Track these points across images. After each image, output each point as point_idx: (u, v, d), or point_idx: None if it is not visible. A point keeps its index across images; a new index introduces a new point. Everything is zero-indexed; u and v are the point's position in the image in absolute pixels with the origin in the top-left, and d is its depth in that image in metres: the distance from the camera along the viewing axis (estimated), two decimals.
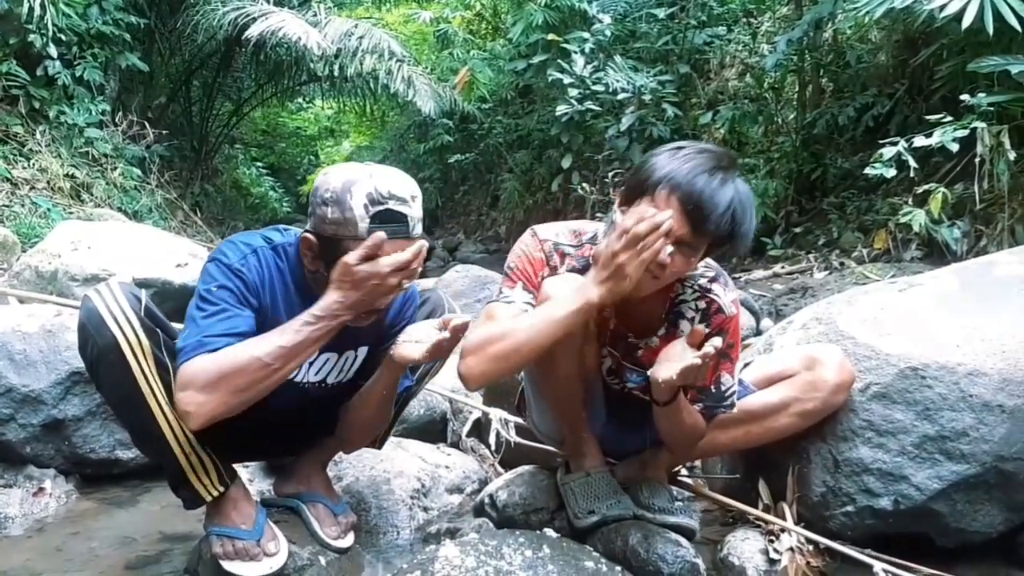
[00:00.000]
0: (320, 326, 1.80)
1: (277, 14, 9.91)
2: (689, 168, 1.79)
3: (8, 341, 2.73)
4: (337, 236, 1.81)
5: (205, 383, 1.73)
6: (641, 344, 2.08)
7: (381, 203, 1.79)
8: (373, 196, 1.78)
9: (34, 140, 7.96)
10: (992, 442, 2.02)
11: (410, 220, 1.83)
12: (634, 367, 2.11)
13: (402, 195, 1.81)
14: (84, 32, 8.52)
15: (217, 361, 1.75)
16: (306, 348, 1.82)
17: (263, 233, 1.99)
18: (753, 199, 1.80)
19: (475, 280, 5.16)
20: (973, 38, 4.84)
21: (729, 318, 2.03)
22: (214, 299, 1.83)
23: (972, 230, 5.03)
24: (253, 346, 1.78)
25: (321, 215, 1.82)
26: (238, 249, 1.90)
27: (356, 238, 1.78)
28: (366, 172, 1.82)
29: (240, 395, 1.77)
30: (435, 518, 2.52)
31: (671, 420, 2.00)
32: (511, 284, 2.03)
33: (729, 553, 2.14)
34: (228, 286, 1.84)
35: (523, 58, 11.00)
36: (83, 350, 1.88)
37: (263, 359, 1.76)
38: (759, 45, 8.80)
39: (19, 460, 2.70)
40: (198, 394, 1.74)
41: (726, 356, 2.04)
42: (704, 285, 2.04)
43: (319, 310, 1.81)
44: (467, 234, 16.05)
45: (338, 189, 1.80)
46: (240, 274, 1.86)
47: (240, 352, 1.76)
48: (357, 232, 1.78)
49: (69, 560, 2.24)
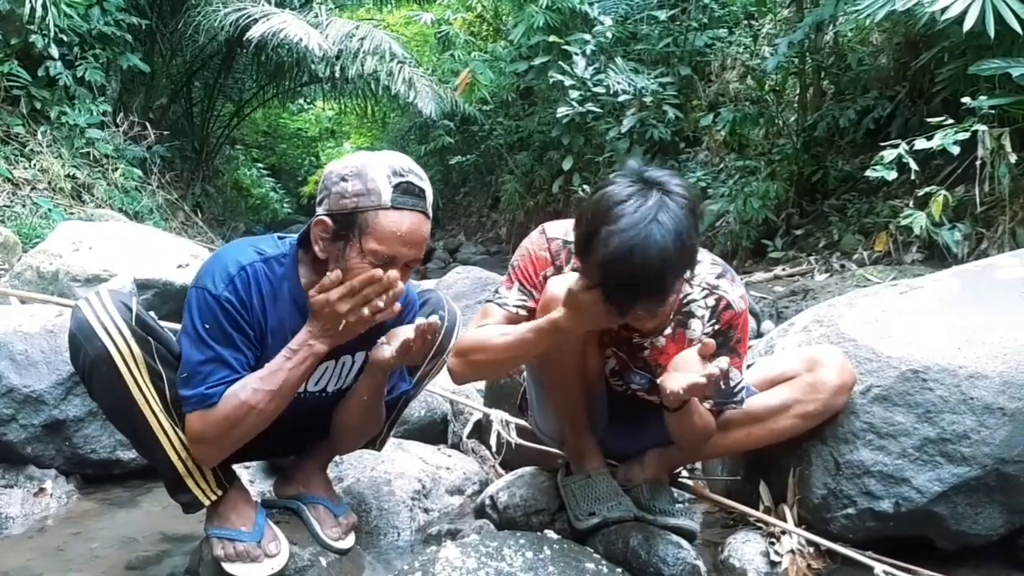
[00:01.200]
0: (296, 359, 1.87)
1: (278, 15, 9.91)
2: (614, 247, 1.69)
3: (10, 341, 2.73)
4: (359, 208, 1.81)
5: (213, 439, 1.87)
6: (647, 344, 2.08)
7: (403, 175, 1.83)
8: (395, 168, 1.83)
9: (35, 141, 7.96)
10: (993, 445, 2.02)
11: (427, 197, 1.87)
12: (639, 369, 2.11)
13: (420, 172, 1.87)
14: (85, 33, 8.52)
15: (219, 417, 1.84)
16: (292, 383, 1.89)
17: (255, 245, 1.97)
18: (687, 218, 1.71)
19: (476, 281, 5.15)
20: (974, 41, 4.83)
21: (738, 314, 2.03)
22: (208, 340, 1.85)
23: (973, 233, 5.03)
24: (246, 394, 1.84)
25: (340, 191, 1.82)
26: (224, 272, 1.87)
27: (379, 207, 1.80)
28: (382, 153, 1.89)
29: (246, 437, 1.91)
30: (436, 519, 2.51)
31: (682, 424, 2.01)
32: (509, 284, 2.07)
33: (730, 555, 2.14)
34: (218, 321, 1.85)
35: (524, 60, 11.01)
36: (75, 360, 1.90)
37: (256, 406, 1.85)
38: (760, 47, 8.80)
39: (20, 460, 2.70)
40: (210, 448, 1.89)
41: (735, 351, 2.05)
42: (712, 282, 2.04)
43: (295, 343, 1.87)
44: (468, 235, 16.05)
45: (358, 165, 1.83)
46: (228, 303, 1.85)
47: (237, 404, 1.84)
48: (381, 200, 1.80)
49: (70, 561, 2.24)
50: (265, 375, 1.86)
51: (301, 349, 1.86)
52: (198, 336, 1.84)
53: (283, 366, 1.86)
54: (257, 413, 1.85)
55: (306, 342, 1.86)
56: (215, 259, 1.93)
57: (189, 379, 1.84)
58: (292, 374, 1.86)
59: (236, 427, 1.85)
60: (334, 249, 1.85)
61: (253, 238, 2.05)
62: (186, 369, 1.85)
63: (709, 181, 8.12)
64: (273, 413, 1.89)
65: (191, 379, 1.84)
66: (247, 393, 1.84)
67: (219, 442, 1.88)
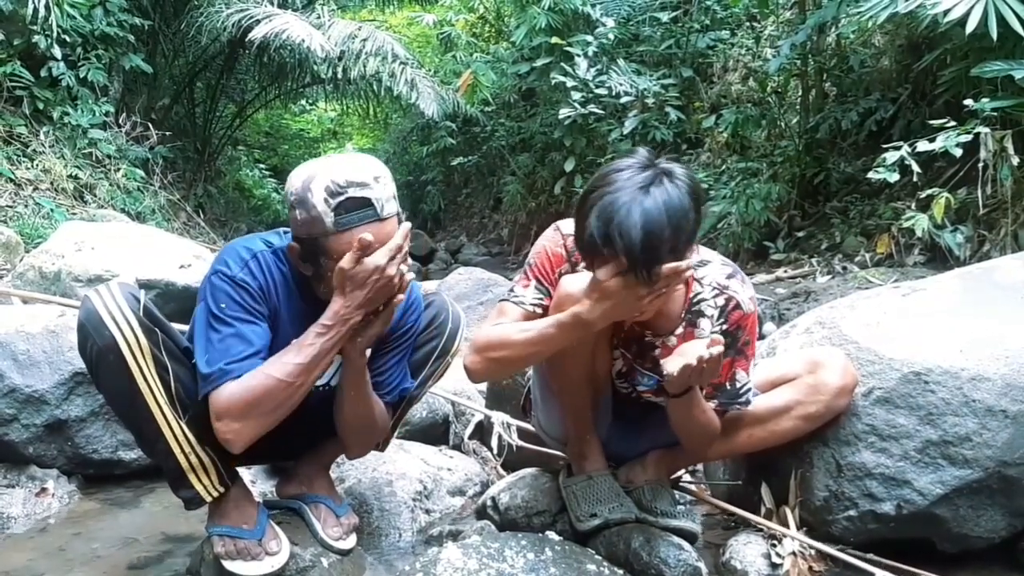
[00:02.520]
0: (331, 334, 1.84)
1: (281, 16, 9.90)
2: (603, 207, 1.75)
3: (12, 341, 2.74)
4: (311, 236, 1.82)
5: (239, 412, 1.80)
6: (658, 343, 2.08)
7: (340, 193, 1.79)
8: (331, 188, 1.79)
9: (38, 141, 7.96)
10: (995, 447, 2.02)
11: (376, 202, 1.81)
12: (646, 371, 2.11)
13: (361, 180, 1.80)
14: (88, 33, 8.52)
15: (244, 388, 1.80)
16: (323, 358, 1.86)
17: (263, 237, 2.00)
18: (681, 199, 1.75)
19: (478, 283, 5.16)
20: (977, 43, 4.83)
21: (747, 315, 2.04)
22: (226, 318, 1.84)
23: (975, 235, 5.02)
24: (274, 368, 1.82)
25: (292, 219, 1.85)
26: (239, 257, 1.90)
27: (327, 233, 1.80)
28: (323, 165, 1.84)
29: (272, 415, 1.85)
30: (437, 520, 2.52)
31: (682, 413, 2.01)
32: (525, 282, 2.08)
33: (731, 557, 2.14)
34: (235, 300, 1.85)
35: (526, 61, 11.01)
36: (82, 350, 1.89)
37: (285, 380, 1.82)
38: (762, 49, 8.79)
39: (22, 460, 2.71)
40: (234, 423, 1.81)
41: (741, 353, 2.06)
42: (722, 282, 2.05)
43: (328, 319, 1.84)
44: (469, 237, 16.05)
45: (299, 189, 1.82)
46: (244, 284, 1.87)
47: (263, 377, 1.81)
48: (326, 228, 1.80)
49: (71, 560, 2.24)
50: (296, 349, 1.85)
51: (336, 323, 1.83)
52: (215, 316, 1.84)
53: (315, 341, 1.84)
54: (285, 387, 1.82)
55: (341, 316, 1.83)
56: (227, 249, 1.95)
57: (208, 357, 1.83)
58: (324, 347, 1.84)
59: (264, 402, 1.81)
60: (310, 268, 1.89)
61: (259, 232, 2.06)
62: (204, 350, 1.84)
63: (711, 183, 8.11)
64: (302, 389, 1.86)
65: (210, 357, 1.82)
66: (276, 366, 1.82)
67: (245, 417, 1.81)
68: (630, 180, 1.75)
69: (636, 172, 1.77)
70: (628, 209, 1.72)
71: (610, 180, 1.77)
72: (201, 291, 1.91)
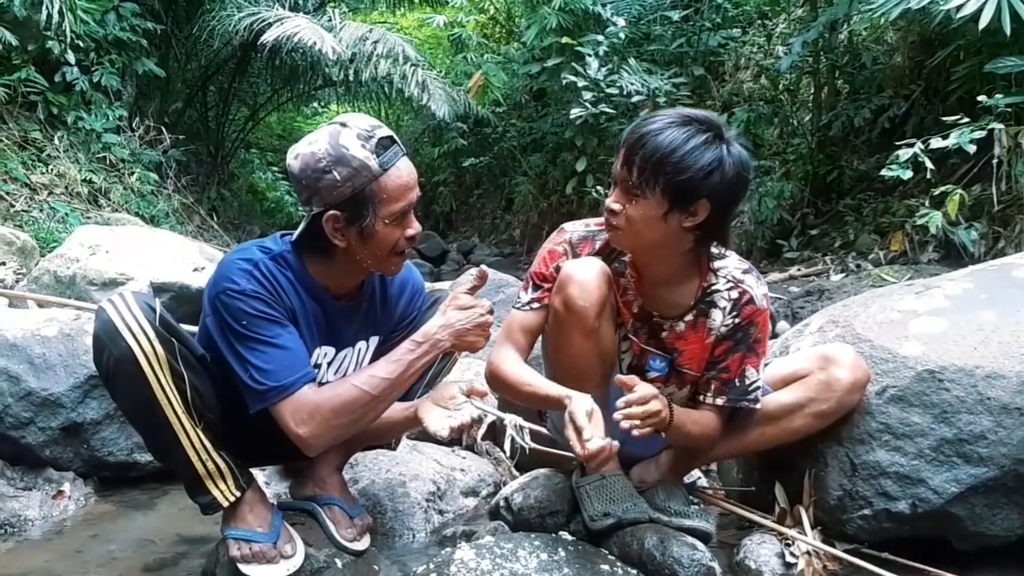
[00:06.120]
0: (420, 351, 1.92)
1: (292, 19, 9.93)
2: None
3: (27, 345, 2.76)
4: (357, 188, 1.85)
5: (323, 419, 1.87)
6: (666, 325, 2.10)
7: (372, 136, 1.86)
8: (362, 135, 1.86)
9: (52, 146, 8.01)
10: (1010, 445, 2.01)
11: (396, 138, 1.92)
12: (656, 351, 2.12)
13: (374, 123, 1.91)
14: (101, 38, 8.57)
15: (330, 397, 1.88)
16: (408, 375, 1.93)
17: (258, 244, 2.00)
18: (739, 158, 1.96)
19: (489, 283, 5.15)
20: (990, 39, 4.81)
21: (760, 310, 2.06)
22: (251, 333, 1.86)
23: (989, 232, 4.99)
24: (362, 380, 1.90)
25: (330, 183, 1.85)
26: (239, 270, 1.90)
27: (375, 177, 1.85)
28: (335, 126, 1.89)
29: (355, 425, 1.93)
30: (451, 521, 2.52)
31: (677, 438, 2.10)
32: (525, 287, 2.19)
33: (745, 557, 2.14)
34: (252, 312, 1.86)
35: (537, 61, 10.99)
36: (98, 361, 1.90)
37: (371, 392, 1.89)
38: (774, 47, 8.76)
39: (38, 463, 2.72)
40: (317, 428, 1.87)
41: (752, 350, 2.07)
42: (737, 276, 2.08)
43: (420, 336, 1.92)
44: (481, 237, 16.04)
45: (328, 151, 1.85)
46: (256, 294, 1.88)
47: (351, 388, 1.89)
48: (372, 171, 1.85)
49: (88, 562, 2.26)
50: (384, 363, 1.92)
51: (427, 341, 1.92)
52: (238, 335, 1.86)
53: (404, 357, 1.91)
54: (370, 399, 1.90)
55: (434, 336, 1.92)
56: (223, 265, 1.94)
57: (250, 374, 1.85)
58: (414, 364, 1.92)
59: (350, 412, 1.89)
60: (352, 233, 1.90)
61: (255, 240, 2.07)
62: (243, 368, 1.86)
63: None
64: (386, 403, 1.94)
65: (253, 373, 1.85)
66: (364, 378, 1.90)
67: (329, 423, 1.87)
68: (671, 114, 1.95)
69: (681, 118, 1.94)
70: (663, 120, 1.90)
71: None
72: (208, 306, 1.92)
